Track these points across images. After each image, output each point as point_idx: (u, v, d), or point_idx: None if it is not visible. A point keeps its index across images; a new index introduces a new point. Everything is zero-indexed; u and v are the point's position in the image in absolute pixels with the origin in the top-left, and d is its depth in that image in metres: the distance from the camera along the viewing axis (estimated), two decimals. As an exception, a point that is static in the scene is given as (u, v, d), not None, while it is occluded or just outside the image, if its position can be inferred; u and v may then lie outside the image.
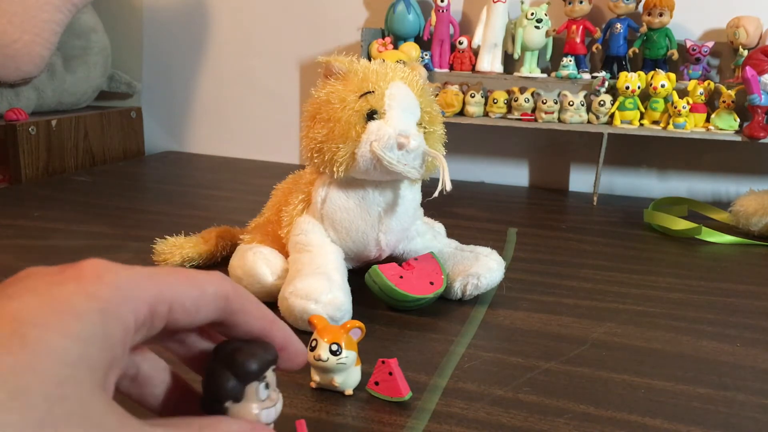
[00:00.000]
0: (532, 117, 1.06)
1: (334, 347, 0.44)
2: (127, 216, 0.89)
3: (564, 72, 1.07)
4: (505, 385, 0.48)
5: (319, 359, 0.44)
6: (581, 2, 1.05)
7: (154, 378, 0.28)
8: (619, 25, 1.06)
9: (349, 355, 0.44)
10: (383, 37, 1.15)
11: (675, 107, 1.00)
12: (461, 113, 1.10)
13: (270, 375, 0.28)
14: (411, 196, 0.63)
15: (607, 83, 1.03)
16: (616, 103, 1.03)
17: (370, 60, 0.61)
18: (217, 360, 0.27)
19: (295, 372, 0.49)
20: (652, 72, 1.02)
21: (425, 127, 0.60)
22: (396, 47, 1.12)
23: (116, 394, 0.24)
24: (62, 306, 0.21)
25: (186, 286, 0.25)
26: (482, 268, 0.63)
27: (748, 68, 0.94)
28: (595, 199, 1.07)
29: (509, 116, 1.08)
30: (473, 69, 1.13)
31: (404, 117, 0.57)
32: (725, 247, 0.85)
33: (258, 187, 1.07)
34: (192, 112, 1.42)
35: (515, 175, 1.23)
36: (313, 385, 0.46)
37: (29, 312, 0.20)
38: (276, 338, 0.28)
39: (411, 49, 1.10)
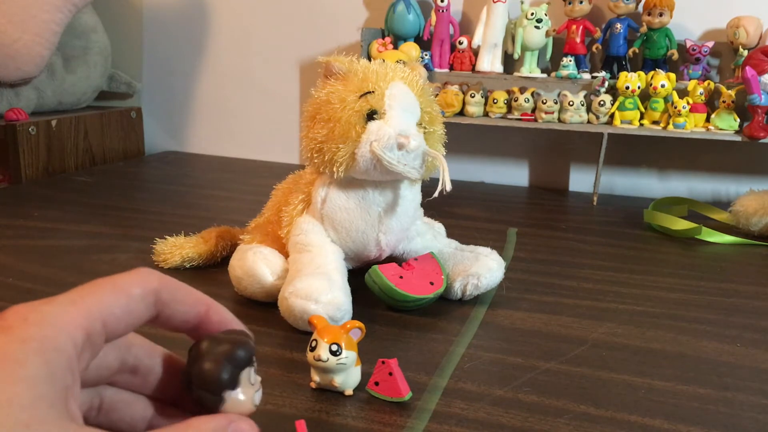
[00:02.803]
0: (532, 117, 1.06)
1: (334, 347, 0.44)
2: (127, 216, 0.89)
3: (564, 72, 1.07)
4: (505, 385, 0.48)
5: (319, 359, 0.44)
6: (581, 2, 1.05)
7: (120, 403, 0.28)
8: (619, 25, 1.06)
9: (349, 356, 0.44)
10: (383, 37, 1.15)
11: (675, 107, 1.00)
12: (461, 113, 1.10)
13: (254, 359, 0.28)
14: (411, 196, 0.63)
15: (607, 83, 1.03)
16: (616, 103, 1.03)
17: (370, 60, 0.61)
18: (204, 354, 0.27)
19: (295, 372, 0.49)
20: (652, 72, 1.02)
21: (425, 127, 0.60)
22: (396, 47, 1.12)
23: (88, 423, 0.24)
24: (1, 357, 0.21)
25: (112, 296, 0.25)
26: (482, 268, 0.63)
27: (748, 68, 0.94)
28: (595, 199, 1.07)
29: (509, 116, 1.08)
30: (473, 69, 1.13)
31: (404, 117, 0.57)
32: (725, 247, 0.85)
33: (258, 187, 1.07)
34: (192, 112, 1.42)
35: (515, 175, 1.23)
36: (313, 385, 0.46)
37: None
38: (213, 322, 0.29)
39: (411, 49, 1.10)
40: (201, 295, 0.29)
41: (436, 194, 0.58)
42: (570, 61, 1.07)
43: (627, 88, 1.01)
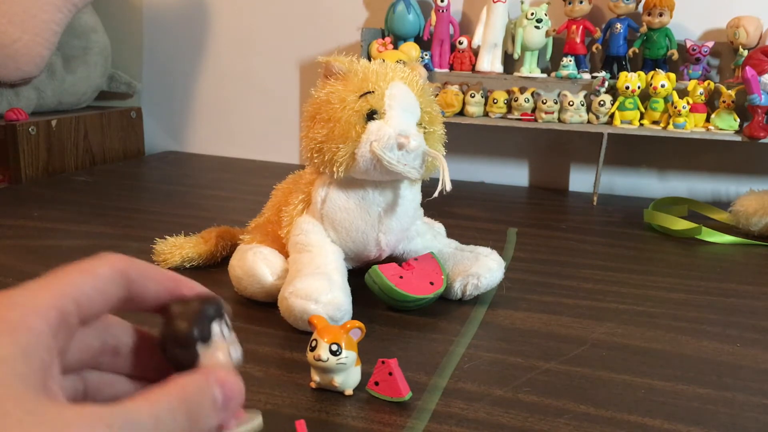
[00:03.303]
0: (532, 117, 1.06)
1: (334, 347, 0.44)
2: (127, 216, 0.89)
3: (564, 72, 1.07)
4: (505, 385, 0.48)
5: (319, 359, 0.44)
6: (581, 2, 1.05)
7: (103, 384, 0.29)
8: (619, 25, 1.06)
9: (349, 356, 0.44)
10: (383, 37, 1.15)
11: (675, 107, 1.00)
12: (461, 113, 1.10)
13: (227, 317, 0.28)
14: (411, 196, 0.63)
15: (607, 83, 1.03)
16: (616, 103, 1.03)
17: (370, 60, 0.61)
18: (174, 315, 0.27)
19: (295, 372, 0.49)
20: (652, 72, 1.02)
21: (425, 127, 0.60)
22: (396, 47, 1.12)
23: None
24: None
25: (81, 277, 0.25)
26: (482, 268, 0.63)
27: (748, 68, 0.94)
28: (595, 199, 1.07)
29: (509, 116, 1.08)
30: (473, 69, 1.13)
31: (404, 117, 0.57)
32: (725, 247, 0.85)
33: (258, 187, 1.07)
34: (192, 112, 1.42)
35: (515, 175, 1.23)
36: (313, 385, 0.46)
37: None
38: (186, 295, 0.29)
39: (411, 49, 1.10)
40: (170, 272, 0.29)
41: (436, 194, 0.58)
42: (570, 61, 1.07)
43: (627, 88, 1.01)
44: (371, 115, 0.57)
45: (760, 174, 1.12)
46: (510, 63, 1.13)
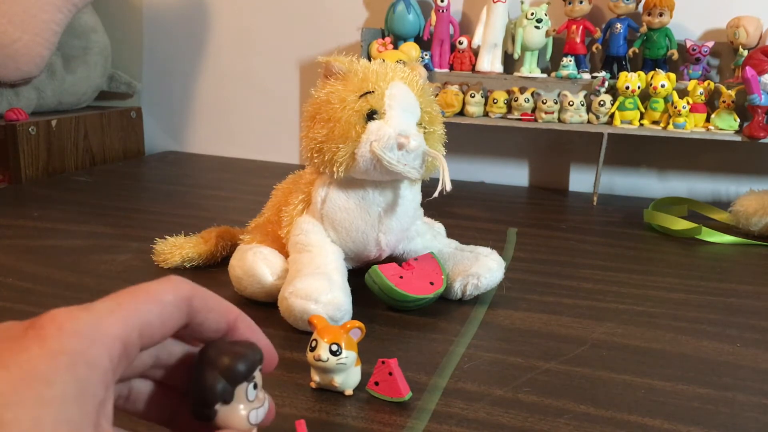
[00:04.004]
0: (532, 117, 1.06)
1: (334, 347, 0.44)
2: (127, 216, 0.89)
3: (564, 72, 1.07)
4: (505, 385, 0.48)
5: (319, 359, 0.44)
6: (581, 2, 1.05)
7: (147, 393, 0.28)
8: (619, 25, 1.06)
9: (349, 356, 0.44)
10: (383, 37, 1.15)
11: (675, 107, 1.00)
12: (461, 113, 1.10)
13: (258, 375, 0.28)
14: (411, 196, 0.63)
15: (607, 83, 1.03)
16: (616, 103, 1.03)
17: (370, 60, 0.61)
18: (205, 363, 0.27)
19: (295, 372, 0.49)
20: (652, 72, 1.02)
21: (425, 127, 0.60)
22: (396, 47, 1.12)
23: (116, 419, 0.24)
24: (29, 375, 0.21)
25: (147, 305, 0.25)
26: (482, 268, 0.63)
27: (748, 68, 0.94)
28: (595, 199, 1.07)
29: (509, 116, 1.08)
30: (473, 69, 1.13)
31: (404, 117, 0.57)
32: (725, 247, 0.85)
33: (258, 187, 1.07)
34: (192, 112, 1.42)
35: (515, 175, 1.23)
36: (313, 385, 0.46)
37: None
38: (240, 332, 0.29)
39: (411, 49, 1.10)
40: (230, 305, 0.29)
41: (436, 194, 0.58)
42: (570, 61, 1.07)
43: (627, 88, 1.01)
44: (371, 115, 0.57)
45: (760, 174, 1.12)
46: (510, 63, 1.13)
